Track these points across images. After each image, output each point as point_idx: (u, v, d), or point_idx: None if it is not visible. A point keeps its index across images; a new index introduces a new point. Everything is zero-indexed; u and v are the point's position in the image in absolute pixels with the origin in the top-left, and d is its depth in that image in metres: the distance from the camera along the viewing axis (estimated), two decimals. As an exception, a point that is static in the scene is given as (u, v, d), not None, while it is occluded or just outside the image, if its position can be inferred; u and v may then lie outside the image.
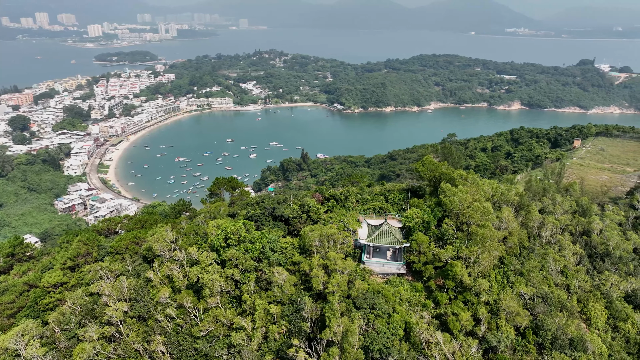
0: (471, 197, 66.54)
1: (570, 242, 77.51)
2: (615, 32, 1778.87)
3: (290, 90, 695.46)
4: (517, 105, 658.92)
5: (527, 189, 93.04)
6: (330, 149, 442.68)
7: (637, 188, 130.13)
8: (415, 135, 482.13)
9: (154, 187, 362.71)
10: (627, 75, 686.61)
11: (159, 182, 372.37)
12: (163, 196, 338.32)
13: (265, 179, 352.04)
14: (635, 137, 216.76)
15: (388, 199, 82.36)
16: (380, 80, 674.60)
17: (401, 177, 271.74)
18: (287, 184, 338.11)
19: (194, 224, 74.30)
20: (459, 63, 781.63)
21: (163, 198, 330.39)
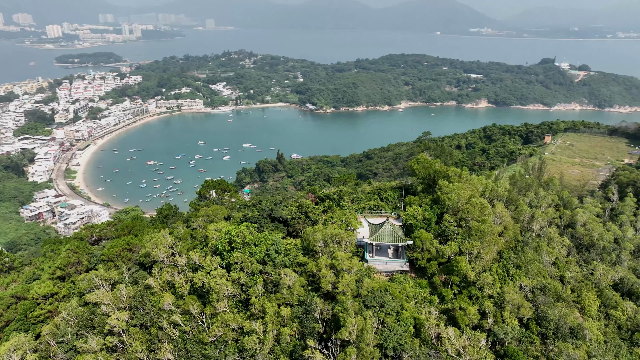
0: (467, 193, 67.97)
1: (557, 234, 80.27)
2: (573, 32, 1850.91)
3: (262, 91, 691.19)
4: (484, 103, 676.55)
5: (513, 184, 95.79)
6: (304, 149, 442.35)
7: (609, 181, 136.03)
8: (388, 134, 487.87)
9: (125, 191, 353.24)
10: (586, 74, 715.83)
11: (130, 186, 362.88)
12: (135, 201, 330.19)
13: (240, 180, 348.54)
14: (600, 133, 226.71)
15: (383, 197, 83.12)
16: (351, 80, 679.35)
17: (378, 175, 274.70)
18: (263, 185, 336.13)
19: (190, 229, 72.78)
20: (427, 62, 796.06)
21: (135, 203, 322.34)
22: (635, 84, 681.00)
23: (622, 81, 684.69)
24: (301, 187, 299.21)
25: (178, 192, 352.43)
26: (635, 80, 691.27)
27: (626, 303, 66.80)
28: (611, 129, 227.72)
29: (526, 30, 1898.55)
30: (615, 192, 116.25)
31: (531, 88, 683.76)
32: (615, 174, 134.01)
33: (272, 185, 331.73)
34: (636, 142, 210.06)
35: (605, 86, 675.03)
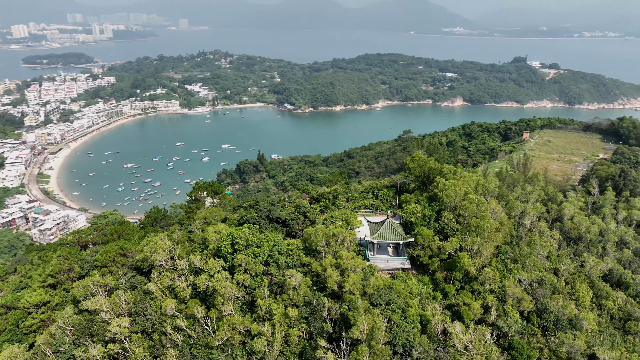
0: (463, 190, 69.07)
1: (547, 228, 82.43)
2: (541, 31, 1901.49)
3: (239, 91, 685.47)
4: (459, 101, 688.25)
5: (502, 180, 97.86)
6: (284, 149, 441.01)
7: (589, 176, 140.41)
8: (368, 133, 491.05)
9: (102, 195, 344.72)
10: (556, 72, 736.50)
11: (107, 190, 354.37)
12: (113, 205, 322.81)
13: (221, 182, 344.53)
14: (575, 129, 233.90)
15: (378, 196, 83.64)
16: (328, 80, 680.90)
17: (361, 174, 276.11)
18: (244, 186, 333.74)
19: (186, 232, 71.61)
20: (403, 62, 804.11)
21: (113, 207, 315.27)
22: (602, 82, 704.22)
23: (590, 79, 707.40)
24: (283, 187, 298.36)
25: (157, 195, 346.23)
26: (602, 77, 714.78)
27: (617, 293, 69.08)
28: (585, 125, 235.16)
29: (497, 30, 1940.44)
30: (595, 186, 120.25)
31: (505, 86, 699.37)
32: (594, 168, 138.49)
33: (253, 186, 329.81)
34: (609, 137, 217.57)
35: (575, 84, 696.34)
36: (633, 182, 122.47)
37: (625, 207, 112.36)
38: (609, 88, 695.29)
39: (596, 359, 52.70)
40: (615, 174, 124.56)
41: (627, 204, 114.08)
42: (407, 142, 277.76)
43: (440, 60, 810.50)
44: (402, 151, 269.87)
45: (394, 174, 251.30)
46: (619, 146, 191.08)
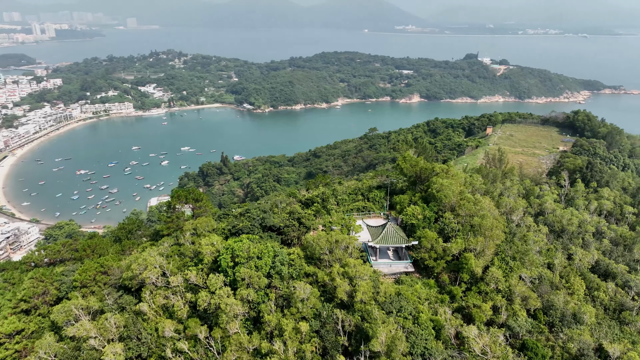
0: (459, 190, 68.71)
1: (534, 223, 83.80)
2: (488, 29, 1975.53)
3: (195, 92, 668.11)
4: (416, 98, 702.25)
5: (485, 176, 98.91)
6: (246, 150, 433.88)
7: (557, 169, 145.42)
8: (330, 131, 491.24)
9: (55, 205, 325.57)
10: (506, 68, 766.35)
11: (60, 199, 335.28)
12: (68, 214, 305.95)
13: (183, 186, 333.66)
14: (534, 123, 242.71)
15: (369, 197, 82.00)
16: (287, 79, 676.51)
17: (329, 173, 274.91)
18: (208, 190, 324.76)
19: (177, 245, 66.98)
20: (359, 60, 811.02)
21: (68, 216, 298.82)
22: (548, 77, 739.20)
23: (537, 74, 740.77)
24: (250, 189, 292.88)
25: (115, 202, 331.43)
26: (547, 73, 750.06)
27: (607, 284, 70.87)
28: (543, 119, 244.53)
29: (447, 28, 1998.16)
30: (566, 178, 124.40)
31: (458, 82, 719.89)
32: (562, 161, 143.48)
33: (218, 189, 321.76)
34: (565, 130, 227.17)
35: (524, 79, 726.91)
36: (599, 174, 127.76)
37: (595, 198, 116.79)
38: (555, 83, 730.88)
39: (603, 352, 53.49)
40: (583, 166, 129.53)
41: (597, 194, 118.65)
42: (374, 140, 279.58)
43: (396, 57, 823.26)
44: (369, 149, 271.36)
45: (362, 172, 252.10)
46: (578, 139, 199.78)
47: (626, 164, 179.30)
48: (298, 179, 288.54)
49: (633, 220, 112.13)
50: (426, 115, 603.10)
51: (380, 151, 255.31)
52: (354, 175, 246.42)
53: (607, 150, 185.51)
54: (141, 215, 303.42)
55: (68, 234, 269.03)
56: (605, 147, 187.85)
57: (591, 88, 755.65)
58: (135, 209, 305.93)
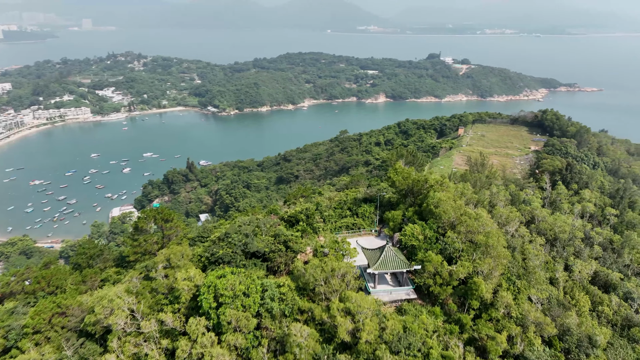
0: (459, 204, 63.83)
1: (528, 232, 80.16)
2: (448, 29, 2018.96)
3: (157, 95, 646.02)
4: (382, 97, 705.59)
5: (473, 184, 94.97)
6: (213, 155, 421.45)
7: (534, 171, 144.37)
8: (298, 133, 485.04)
9: (7, 219, 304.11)
10: (468, 67, 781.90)
11: (12, 212, 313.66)
12: (22, 229, 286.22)
13: (147, 194, 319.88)
14: (503, 122, 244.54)
15: (358, 213, 75.99)
16: (252, 80, 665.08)
17: (300, 177, 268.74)
18: (174, 198, 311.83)
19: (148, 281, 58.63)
20: (324, 60, 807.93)
21: (22, 231, 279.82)
22: (508, 75, 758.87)
23: (498, 73, 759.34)
24: (219, 196, 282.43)
25: (74, 214, 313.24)
26: (507, 71, 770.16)
27: (610, 297, 67.69)
28: (512, 118, 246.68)
29: (409, 28, 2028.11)
30: (548, 181, 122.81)
31: (423, 82, 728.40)
32: (540, 163, 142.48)
33: (184, 197, 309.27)
34: (535, 129, 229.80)
35: (485, 78, 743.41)
36: (578, 175, 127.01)
37: (578, 200, 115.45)
38: (514, 81, 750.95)
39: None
40: (562, 167, 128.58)
41: (578, 197, 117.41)
42: (345, 143, 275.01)
43: (360, 58, 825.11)
44: (340, 152, 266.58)
45: (335, 175, 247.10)
46: (548, 138, 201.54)
47: (596, 162, 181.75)
48: (269, 184, 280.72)
49: (615, 222, 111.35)
50: (393, 115, 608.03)
51: (352, 154, 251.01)
52: (327, 180, 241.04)
53: (577, 149, 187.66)
54: (103, 227, 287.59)
55: (22, 251, 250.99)
56: (576, 146, 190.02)
57: (548, 86, 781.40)
58: (96, 220, 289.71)
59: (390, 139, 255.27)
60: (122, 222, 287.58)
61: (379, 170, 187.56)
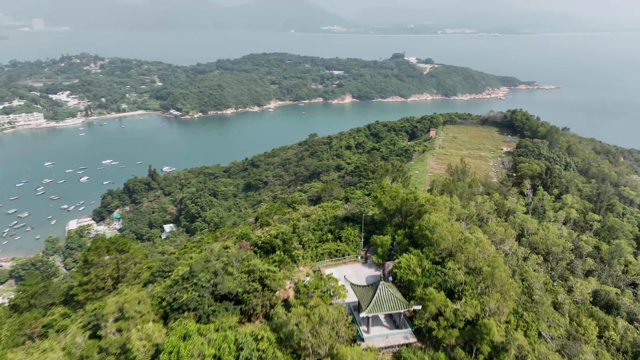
0: (455, 228, 57.09)
1: (523, 248, 74.68)
2: (410, 28, 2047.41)
3: (115, 99, 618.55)
4: (349, 98, 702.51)
5: (460, 196, 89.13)
6: (177, 160, 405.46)
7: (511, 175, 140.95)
8: (266, 136, 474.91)
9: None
10: (432, 66, 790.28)
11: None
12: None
13: (107, 205, 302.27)
14: (474, 123, 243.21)
15: (341, 237, 68.14)
16: (216, 82, 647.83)
17: (270, 184, 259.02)
18: (136, 208, 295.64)
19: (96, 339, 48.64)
20: (289, 61, 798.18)
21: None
22: (470, 74, 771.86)
23: (461, 72, 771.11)
24: (184, 205, 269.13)
25: (26, 229, 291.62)
26: (469, 70, 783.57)
27: (617, 321, 62.78)
28: (482, 119, 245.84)
29: (372, 28, 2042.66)
30: (529, 187, 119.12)
31: (388, 82, 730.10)
32: (517, 167, 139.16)
33: (147, 207, 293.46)
34: (505, 129, 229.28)
35: (449, 77, 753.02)
36: (559, 179, 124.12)
37: (560, 206, 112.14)
38: (477, 80, 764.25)
39: None
40: (542, 171, 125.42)
41: (561, 202, 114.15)
42: (315, 147, 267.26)
43: (325, 58, 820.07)
44: (310, 156, 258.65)
45: (306, 181, 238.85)
46: (521, 140, 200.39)
47: (567, 162, 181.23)
48: (237, 191, 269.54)
49: (597, 227, 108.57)
50: (360, 116, 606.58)
51: (323, 158, 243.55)
52: (297, 186, 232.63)
53: (549, 150, 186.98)
54: (58, 242, 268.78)
55: None
56: (547, 146, 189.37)
57: (509, 84, 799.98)
58: (50, 235, 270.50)
59: (361, 142, 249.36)
60: (79, 235, 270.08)
61: (352, 176, 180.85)
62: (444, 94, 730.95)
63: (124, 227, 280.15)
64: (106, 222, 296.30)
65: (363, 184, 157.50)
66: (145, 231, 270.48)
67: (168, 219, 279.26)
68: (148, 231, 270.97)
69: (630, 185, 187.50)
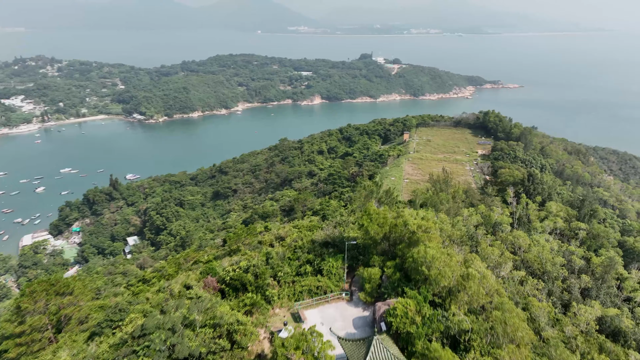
0: (454, 261, 49.69)
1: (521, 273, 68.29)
2: (376, 29, 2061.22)
3: (74, 103, 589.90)
4: (318, 99, 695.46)
5: (447, 212, 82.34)
6: (141, 167, 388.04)
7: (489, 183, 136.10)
8: (234, 140, 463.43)
9: None
10: (399, 66, 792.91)
11: None
12: None
13: (65, 218, 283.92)
14: (447, 125, 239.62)
15: (322, 270, 59.69)
16: (181, 85, 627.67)
17: (239, 192, 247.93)
18: (97, 220, 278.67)
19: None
20: (257, 62, 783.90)
21: None
22: (437, 74, 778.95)
23: (428, 72, 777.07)
24: (149, 217, 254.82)
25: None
26: (436, 70, 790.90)
27: (630, 354, 56.92)
28: (455, 120, 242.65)
29: (339, 28, 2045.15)
30: (512, 195, 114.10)
31: (357, 82, 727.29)
32: (498, 173, 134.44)
33: (109, 219, 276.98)
34: (478, 131, 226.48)
35: (416, 77, 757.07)
36: (541, 185, 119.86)
37: (545, 215, 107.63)
38: (444, 79, 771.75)
39: None
40: (524, 178, 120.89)
41: (545, 211, 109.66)
42: (285, 152, 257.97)
43: (293, 59, 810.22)
44: (281, 162, 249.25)
45: (277, 189, 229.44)
46: (496, 142, 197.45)
47: (543, 165, 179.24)
48: (204, 200, 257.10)
49: (583, 236, 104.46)
50: (330, 117, 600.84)
51: (294, 164, 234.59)
52: (268, 194, 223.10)
53: (524, 152, 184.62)
54: (10, 260, 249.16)
55: None
56: (522, 149, 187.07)
57: (475, 83, 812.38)
58: (1, 253, 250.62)
59: (333, 147, 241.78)
60: (34, 252, 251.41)
61: (325, 184, 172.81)
62: (413, 94, 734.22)
63: (84, 241, 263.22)
64: (64, 236, 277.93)
65: (338, 194, 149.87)
66: (107, 245, 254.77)
67: (132, 231, 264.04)
68: (110, 245, 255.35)
69: (603, 186, 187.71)
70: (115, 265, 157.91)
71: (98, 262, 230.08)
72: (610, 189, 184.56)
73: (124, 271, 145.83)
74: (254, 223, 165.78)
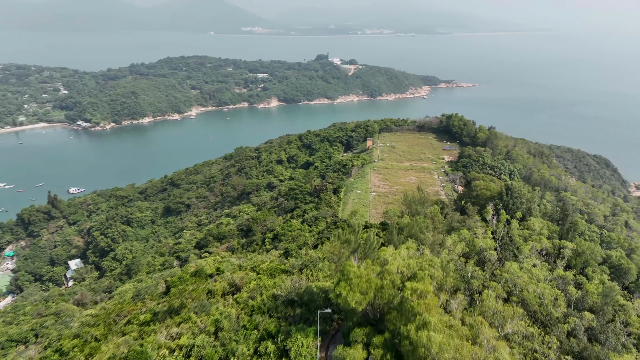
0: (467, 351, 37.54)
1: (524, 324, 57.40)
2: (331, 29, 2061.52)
3: (11, 111, 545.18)
4: (275, 102, 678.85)
5: (431, 247, 70.83)
6: (86, 179, 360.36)
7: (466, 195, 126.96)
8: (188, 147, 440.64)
9: None
10: (356, 67, 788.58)
11: None
12: None
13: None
14: (410, 130, 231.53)
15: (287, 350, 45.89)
16: (129, 89, 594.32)
17: (193, 207, 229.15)
18: (34, 243, 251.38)
19: None
20: (210, 64, 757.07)
21: None
22: (394, 74, 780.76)
23: (384, 72, 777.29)
24: (92, 237, 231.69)
25: None
26: (392, 70, 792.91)
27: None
28: (418, 125, 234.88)
29: (293, 28, 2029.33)
30: (492, 212, 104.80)
31: (314, 84, 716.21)
32: (472, 186, 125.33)
33: (48, 240, 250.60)
34: (442, 135, 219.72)
35: (373, 77, 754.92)
36: (519, 199, 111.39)
37: (529, 234, 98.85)
38: (400, 79, 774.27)
39: None
40: (502, 191, 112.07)
41: (528, 229, 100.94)
42: (242, 162, 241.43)
43: (248, 60, 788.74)
44: (237, 173, 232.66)
45: (234, 203, 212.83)
46: (463, 148, 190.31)
47: (511, 171, 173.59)
48: (155, 217, 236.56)
49: (569, 255, 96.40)
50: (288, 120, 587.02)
51: (252, 176, 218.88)
52: (224, 208, 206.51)
53: (492, 158, 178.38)
54: None
55: None
56: (490, 154, 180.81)
57: (430, 83, 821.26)
58: None
59: (293, 155, 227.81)
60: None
61: (286, 199, 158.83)
62: (370, 95, 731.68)
63: (19, 266, 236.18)
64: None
65: (300, 211, 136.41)
66: (45, 270, 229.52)
67: (74, 254, 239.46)
68: (49, 270, 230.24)
69: (570, 190, 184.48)
70: (49, 304, 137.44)
71: (35, 292, 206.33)
72: (577, 193, 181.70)
73: (57, 311, 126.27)
74: (209, 246, 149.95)
